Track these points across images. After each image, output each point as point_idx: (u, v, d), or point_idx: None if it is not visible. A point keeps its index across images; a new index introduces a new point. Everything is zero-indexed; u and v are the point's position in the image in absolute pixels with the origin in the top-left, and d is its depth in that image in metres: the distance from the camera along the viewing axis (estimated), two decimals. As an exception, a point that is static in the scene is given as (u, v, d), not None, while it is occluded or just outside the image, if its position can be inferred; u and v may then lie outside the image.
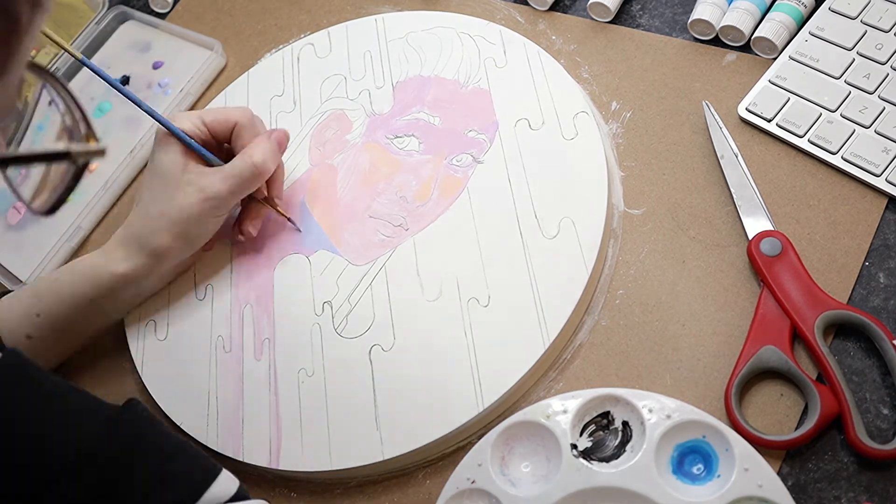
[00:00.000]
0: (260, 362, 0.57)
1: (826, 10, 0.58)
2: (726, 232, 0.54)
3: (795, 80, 0.56)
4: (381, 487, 0.53)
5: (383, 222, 0.60)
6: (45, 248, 0.68)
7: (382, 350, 0.55)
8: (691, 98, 0.59)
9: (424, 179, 0.60)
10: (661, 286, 0.53)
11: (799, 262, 0.50)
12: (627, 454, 0.47)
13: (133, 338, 0.61)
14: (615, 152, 0.59)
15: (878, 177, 0.52)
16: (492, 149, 0.60)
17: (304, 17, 0.75)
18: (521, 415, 0.49)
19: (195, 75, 0.73)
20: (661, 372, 0.51)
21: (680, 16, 0.63)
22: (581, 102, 0.59)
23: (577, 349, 0.53)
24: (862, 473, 0.46)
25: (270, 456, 0.53)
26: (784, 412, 0.48)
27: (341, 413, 0.53)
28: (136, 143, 0.71)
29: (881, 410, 0.47)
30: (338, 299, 0.58)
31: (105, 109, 0.75)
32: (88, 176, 0.71)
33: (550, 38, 0.65)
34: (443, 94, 0.63)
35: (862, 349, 0.49)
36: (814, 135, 0.54)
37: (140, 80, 0.75)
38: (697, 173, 0.56)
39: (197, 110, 0.63)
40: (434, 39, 0.66)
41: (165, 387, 0.58)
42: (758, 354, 0.49)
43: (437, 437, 0.51)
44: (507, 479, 0.48)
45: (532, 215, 0.56)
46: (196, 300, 0.61)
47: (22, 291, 0.59)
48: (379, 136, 0.64)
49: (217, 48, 0.73)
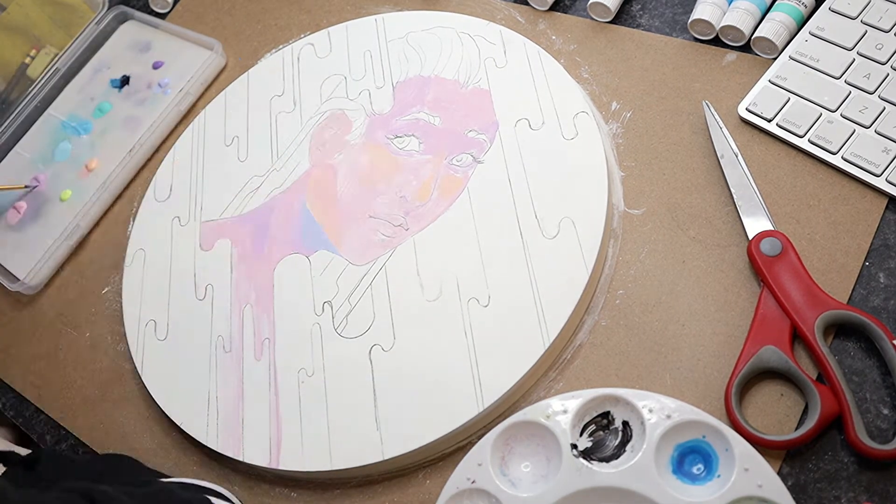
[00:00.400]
0: (260, 362, 0.57)
1: (826, 10, 0.58)
2: (726, 232, 0.54)
3: (796, 80, 0.56)
4: (381, 487, 0.53)
5: (383, 222, 0.60)
6: (44, 247, 0.68)
7: (382, 350, 0.55)
8: (691, 98, 0.59)
9: (424, 179, 0.60)
10: (662, 286, 0.53)
11: (799, 262, 0.50)
12: (627, 454, 0.47)
13: (133, 338, 0.61)
14: (615, 152, 0.59)
15: (878, 177, 0.52)
16: (492, 149, 0.60)
17: (304, 17, 0.75)
18: (521, 415, 0.49)
19: (195, 75, 0.73)
20: (661, 372, 0.51)
21: (680, 16, 0.63)
22: (581, 102, 0.59)
23: (577, 349, 0.53)
24: (862, 473, 0.46)
25: (270, 456, 0.53)
26: (784, 412, 0.48)
27: (341, 413, 0.53)
28: (135, 143, 0.71)
29: (881, 410, 0.47)
30: (338, 299, 0.58)
31: (105, 110, 0.75)
32: (88, 176, 0.71)
33: (550, 38, 0.65)
34: (443, 94, 0.63)
35: (862, 349, 0.49)
36: (814, 135, 0.54)
37: (140, 80, 0.75)
38: (697, 173, 0.56)
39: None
40: (434, 39, 0.66)
41: (165, 387, 0.58)
42: (758, 354, 0.49)
43: (437, 436, 0.51)
44: (507, 479, 0.48)
45: (532, 215, 0.56)
46: (196, 300, 0.61)
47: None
48: (379, 136, 0.64)
49: (217, 48, 0.73)
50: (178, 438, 0.58)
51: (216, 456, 0.56)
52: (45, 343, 0.66)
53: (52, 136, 0.75)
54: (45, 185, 0.72)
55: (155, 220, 0.66)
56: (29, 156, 0.75)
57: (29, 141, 0.76)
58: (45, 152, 0.74)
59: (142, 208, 0.67)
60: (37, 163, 0.74)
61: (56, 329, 0.66)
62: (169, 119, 0.72)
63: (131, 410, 0.61)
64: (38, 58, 0.78)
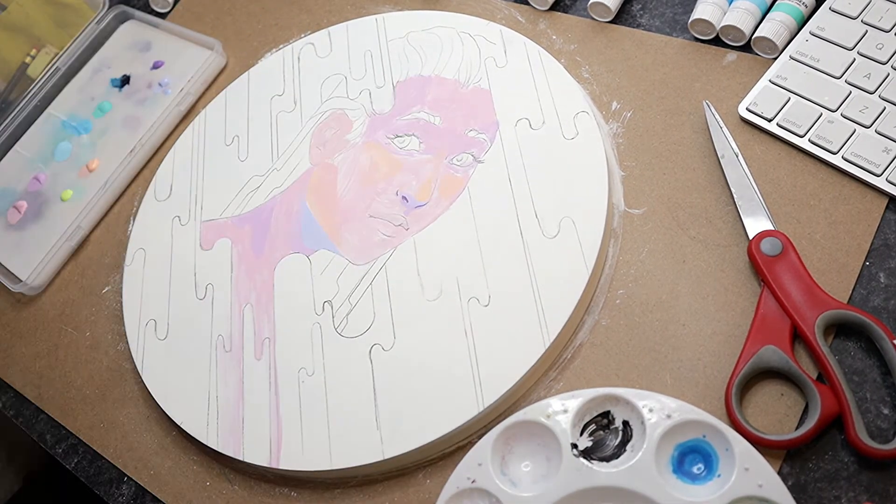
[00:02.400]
0: (260, 362, 0.57)
1: (827, 9, 0.58)
2: (727, 232, 0.54)
3: (796, 79, 0.56)
4: (382, 487, 0.53)
5: (384, 222, 0.60)
6: (46, 247, 0.68)
7: (383, 350, 0.55)
8: (692, 98, 0.59)
9: (425, 179, 0.60)
10: (662, 286, 0.54)
11: (799, 262, 0.50)
12: (628, 454, 0.47)
13: (133, 337, 0.61)
14: (615, 152, 0.59)
15: (878, 176, 0.52)
16: (492, 148, 0.60)
17: (304, 17, 0.75)
18: (522, 414, 0.49)
19: (195, 75, 0.73)
20: (662, 371, 0.51)
21: (680, 15, 0.63)
22: (581, 102, 0.59)
23: (577, 349, 0.53)
24: (862, 473, 0.46)
25: (271, 455, 0.53)
26: (784, 412, 0.48)
27: (341, 412, 0.53)
28: (136, 143, 0.71)
29: (881, 410, 0.47)
30: (338, 299, 0.58)
31: (105, 109, 0.75)
32: (89, 175, 0.71)
33: (551, 37, 0.65)
34: (443, 94, 0.63)
35: (862, 349, 0.49)
36: (814, 134, 0.54)
37: (140, 79, 0.75)
38: (698, 173, 0.56)
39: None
40: (434, 39, 0.66)
41: (166, 386, 0.58)
42: (758, 354, 0.49)
43: (437, 436, 0.51)
44: (507, 479, 0.48)
45: (532, 215, 0.56)
46: (196, 299, 0.61)
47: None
48: (379, 135, 0.64)
49: (217, 48, 0.73)
50: (179, 438, 0.58)
51: (216, 455, 0.56)
52: (45, 342, 0.66)
53: (53, 135, 0.75)
54: (46, 185, 0.72)
55: (155, 220, 0.66)
56: (29, 155, 0.75)
57: (29, 140, 0.76)
58: (44, 152, 0.74)
59: (142, 208, 0.67)
60: (36, 162, 0.74)
61: (56, 329, 0.66)
62: (169, 119, 0.72)
63: (131, 410, 0.61)
64: (38, 57, 0.78)
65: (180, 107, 0.73)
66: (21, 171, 0.74)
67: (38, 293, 0.68)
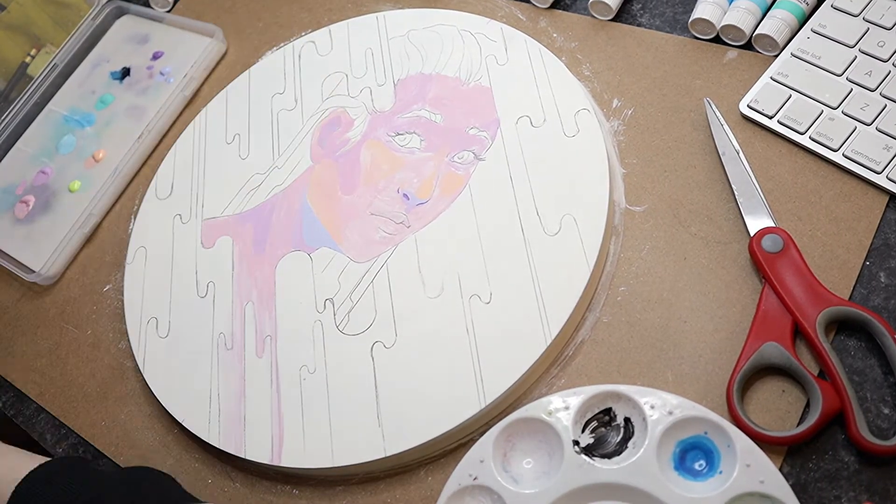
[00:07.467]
0: (262, 359, 0.57)
1: (828, 7, 0.58)
2: (728, 229, 0.54)
3: (797, 77, 0.56)
4: (383, 484, 0.53)
5: (385, 219, 0.60)
6: (58, 237, 0.68)
7: (384, 347, 0.55)
8: (693, 95, 0.59)
9: (426, 177, 0.60)
10: (663, 283, 0.54)
11: (800, 259, 0.50)
12: (629, 450, 0.47)
13: (134, 336, 0.61)
14: (617, 149, 0.59)
15: (879, 174, 0.52)
16: (493, 146, 0.60)
17: (305, 15, 0.75)
18: (523, 411, 0.49)
19: (198, 60, 0.73)
20: (663, 368, 0.51)
21: (681, 15, 0.63)
22: (582, 100, 0.59)
23: (578, 346, 0.53)
24: (863, 472, 0.46)
25: (272, 453, 0.53)
26: (786, 408, 0.48)
27: (343, 410, 0.54)
28: (144, 129, 0.71)
29: (882, 410, 0.47)
30: (339, 296, 0.58)
31: (107, 101, 0.75)
32: (95, 165, 0.71)
33: (552, 35, 0.65)
34: (444, 92, 0.63)
35: (863, 346, 0.49)
36: (815, 132, 0.54)
37: (140, 71, 0.75)
38: (699, 170, 0.56)
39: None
40: (435, 37, 0.66)
41: (167, 384, 0.58)
42: (759, 351, 0.49)
43: (439, 433, 0.51)
44: (509, 476, 0.48)
45: (534, 212, 0.56)
46: (198, 297, 0.61)
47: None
48: (380, 133, 0.64)
49: (218, 34, 0.74)
50: (180, 436, 0.58)
51: (218, 453, 0.56)
52: (46, 341, 0.66)
53: (55, 130, 0.75)
54: (52, 178, 0.72)
55: (156, 218, 0.66)
56: (31, 151, 0.75)
57: (31, 136, 0.76)
58: (48, 147, 0.74)
59: (143, 206, 0.67)
60: (40, 157, 0.74)
61: (57, 327, 0.66)
62: (175, 104, 0.73)
63: (133, 408, 0.61)
64: (38, 57, 0.78)
65: (185, 92, 0.73)
66: (25, 167, 0.74)
67: (52, 283, 0.68)
